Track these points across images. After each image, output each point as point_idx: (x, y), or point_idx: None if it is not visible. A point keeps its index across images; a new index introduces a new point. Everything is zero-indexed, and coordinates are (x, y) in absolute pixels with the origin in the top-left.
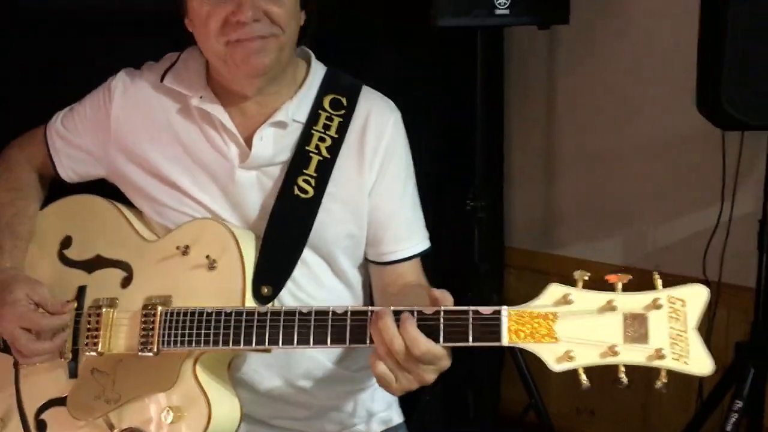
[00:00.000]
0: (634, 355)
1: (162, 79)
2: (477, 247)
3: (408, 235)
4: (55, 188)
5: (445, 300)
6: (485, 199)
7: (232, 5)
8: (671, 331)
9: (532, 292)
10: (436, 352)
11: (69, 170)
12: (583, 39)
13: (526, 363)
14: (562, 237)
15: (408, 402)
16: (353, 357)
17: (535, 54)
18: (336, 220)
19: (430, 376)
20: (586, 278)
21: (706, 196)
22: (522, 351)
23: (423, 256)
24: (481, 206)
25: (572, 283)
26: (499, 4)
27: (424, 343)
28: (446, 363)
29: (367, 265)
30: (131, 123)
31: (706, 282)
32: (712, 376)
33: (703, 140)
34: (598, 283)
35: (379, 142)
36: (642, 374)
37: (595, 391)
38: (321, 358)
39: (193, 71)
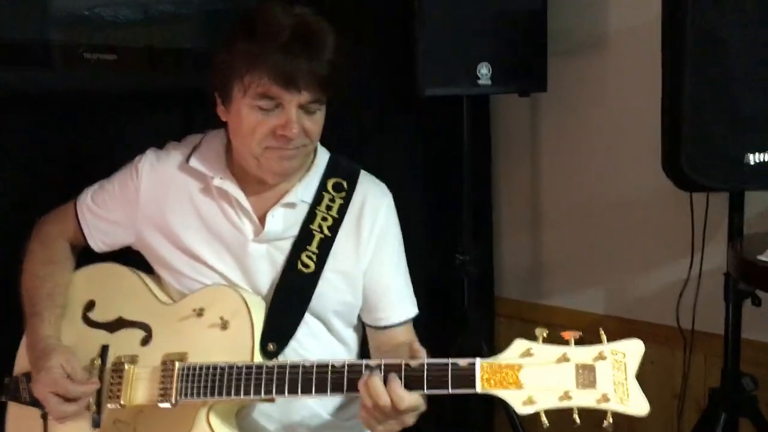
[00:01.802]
0: (585, 398)
1: (188, 160)
2: (466, 298)
3: (399, 303)
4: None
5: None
6: (473, 253)
7: (279, 119)
8: (614, 378)
9: None
10: (418, 404)
11: (99, 241)
12: (561, 104)
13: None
14: (548, 287)
15: None
16: (346, 408)
17: (519, 116)
18: (333, 290)
19: (411, 420)
20: (545, 335)
21: (678, 250)
22: None
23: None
24: (468, 260)
25: (556, 333)
26: (482, 74)
27: (408, 400)
28: (423, 408)
29: (362, 327)
30: (157, 198)
31: (679, 330)
32: (690, 421)
33: (673, 198)
34: (586, 334)
35: (373, 224)
36: (626, 422)
37: None
38: (317, 408)
39: (215, 153)
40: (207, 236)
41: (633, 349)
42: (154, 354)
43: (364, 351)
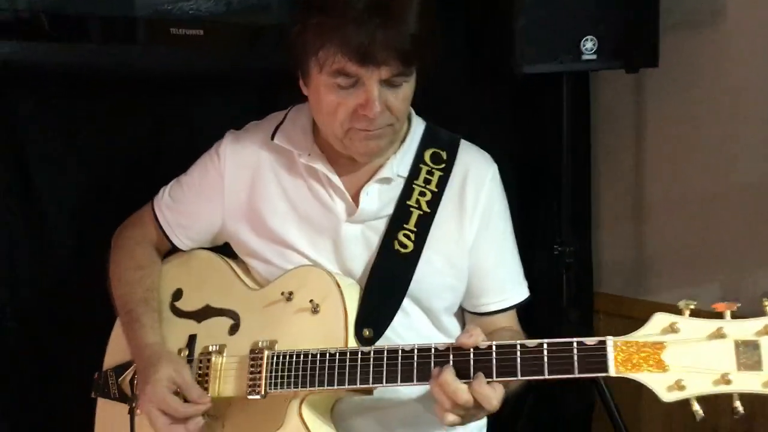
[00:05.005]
0: (749, 382)
1: (272, 137)
2: (565, 293)
3: (508, 287)
4: None
5: None
6: (573, 243)
7: (360, 98)
8: None
9: None
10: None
11: (184, 238)
12: (670, 82)
13: (616, 406)
14: (653, 282)
15: None
16: None
17: (622, 96)
18: (435, 272)
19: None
20: (692, 307)
21: None
22: (611, 393)
23: None
24: (568, 251)
25: None
26: (586, 49)
27: (494, 398)
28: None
29: (461, 313)
30: (242, 182)
31: None
32: None
33: None
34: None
35: (478, 196)
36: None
37: None
38: (418, 405)
39: (300, 129)
40: (296, 220)
41: None
42: (242, 342)
43: None
